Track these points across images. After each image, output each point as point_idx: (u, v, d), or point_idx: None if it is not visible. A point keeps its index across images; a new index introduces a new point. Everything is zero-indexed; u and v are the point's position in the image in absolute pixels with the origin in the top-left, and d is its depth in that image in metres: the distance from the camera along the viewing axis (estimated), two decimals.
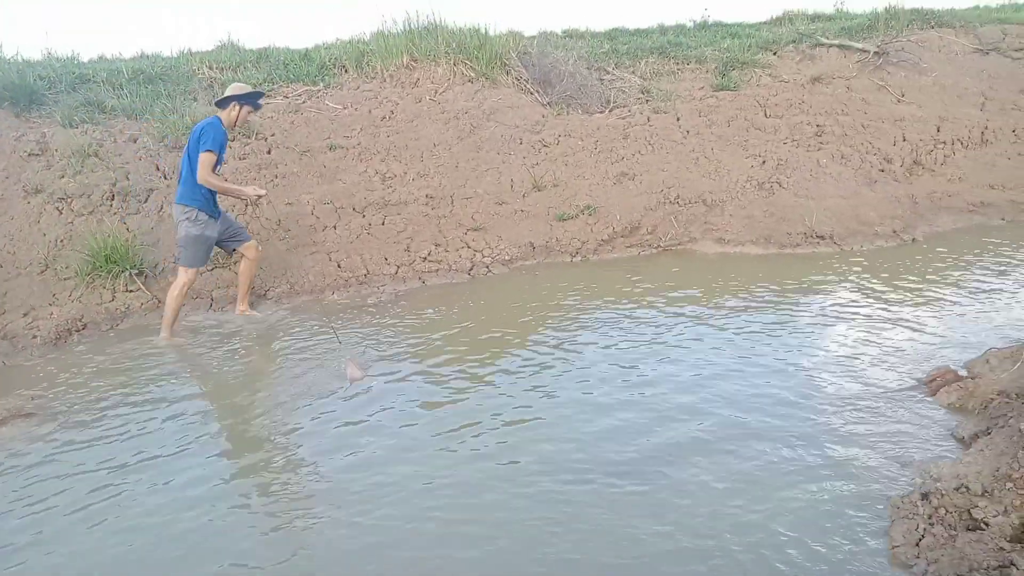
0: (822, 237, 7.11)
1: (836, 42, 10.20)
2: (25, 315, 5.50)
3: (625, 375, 4.41)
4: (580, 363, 4.62)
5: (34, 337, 5.31)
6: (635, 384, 4.28)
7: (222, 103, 5.29)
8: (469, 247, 6.84)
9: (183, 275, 5.25)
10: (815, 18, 11.97)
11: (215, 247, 5.49)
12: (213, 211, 5.25)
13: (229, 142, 5.46)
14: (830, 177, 7.87)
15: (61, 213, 6.29)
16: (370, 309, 5.80)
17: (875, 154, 8.37)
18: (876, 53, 9.84)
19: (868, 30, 10.63)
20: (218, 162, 5.15)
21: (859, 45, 10.07)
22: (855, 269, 6.38)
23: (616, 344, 4.87)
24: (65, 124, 7.07)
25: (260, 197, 5.48)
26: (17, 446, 3.85)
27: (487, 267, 6.70)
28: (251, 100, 5.34)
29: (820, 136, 8.54)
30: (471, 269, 6.65)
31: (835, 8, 12.41)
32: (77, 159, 6.63)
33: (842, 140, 8.54)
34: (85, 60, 8.92)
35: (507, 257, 6.82)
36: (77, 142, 6.76)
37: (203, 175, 5.00)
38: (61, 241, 6.07)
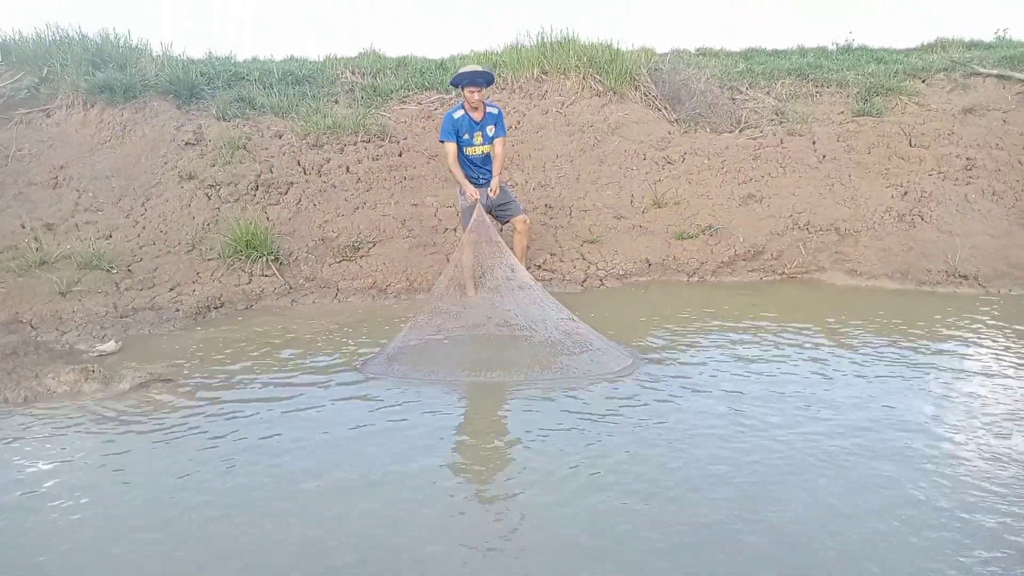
0: (965, 277, 6.59)
1: (995, 72, 9.48)
2: (171, 290, 5.96)
3: (735, 409, 4.22)
4: (686, 385, 4.48)
5: (177, 310, 5.75)
6: (747, 420, 4.09)
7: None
8: (584, 259, 6.83)
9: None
10: (972, 46, 11.14)
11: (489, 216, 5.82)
12: (476, 184, 5.76)
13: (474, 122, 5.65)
14: (978, 214, 7.31)
15: (210, 199, 6.80)
16: None
17: None
18: None
19: None
20: (461, 144, 5.68)
21: (1022, 75, 9.32)
22: (999, 313, 5.87)
23: (726, 372, 4.66)
24: (219, 117, 7.67)
25: (474, 199, 5.62)
26: (154, 408, 4.18)
27: (600, 280, 6.67)
28: (457, 83, 5.67)
29: (970, 170, 7.96)
30: (584, 281, 6.64)
31: (996, 36, 11.54)
32: (228, 150, 7.16)
33: (994, 175, 7.92)
34: (240, 60, 9.61)
35: (621, 272, 6.76)
36: (229, 134, 7.31)
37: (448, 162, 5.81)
38: (208, 225, 6.56)
